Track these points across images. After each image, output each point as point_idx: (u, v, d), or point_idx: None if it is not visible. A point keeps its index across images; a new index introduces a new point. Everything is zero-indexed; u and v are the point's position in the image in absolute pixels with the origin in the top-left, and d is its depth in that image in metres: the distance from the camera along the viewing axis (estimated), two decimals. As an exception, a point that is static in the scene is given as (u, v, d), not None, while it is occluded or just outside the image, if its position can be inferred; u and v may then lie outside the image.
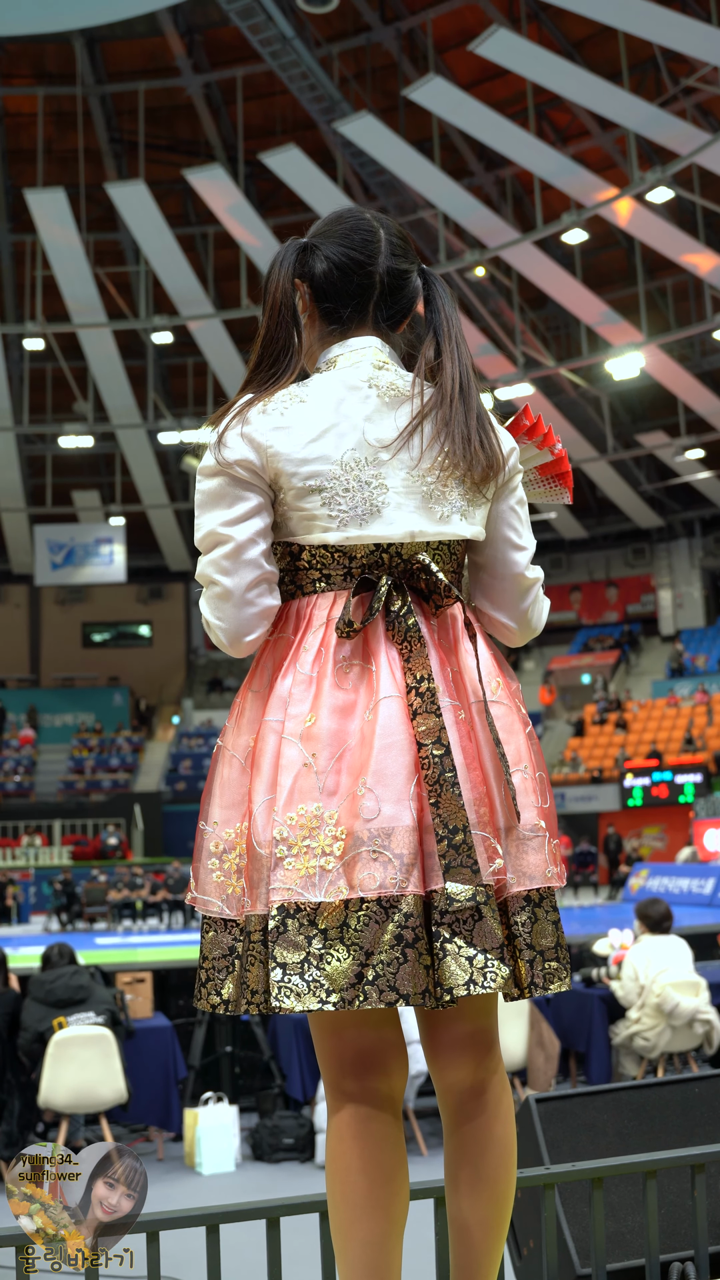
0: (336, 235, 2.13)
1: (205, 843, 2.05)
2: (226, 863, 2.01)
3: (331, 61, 26.65)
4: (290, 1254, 2.97)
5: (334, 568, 2.03)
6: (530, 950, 1.99)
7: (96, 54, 28.48)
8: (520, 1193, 3.65)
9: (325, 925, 1.87)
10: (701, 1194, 3.21)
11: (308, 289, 2.14)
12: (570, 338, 30.56)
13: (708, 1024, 7.19)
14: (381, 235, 2.12)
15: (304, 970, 1.86)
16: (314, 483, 2.00)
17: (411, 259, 2.16)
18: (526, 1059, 7.13)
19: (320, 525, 2.01)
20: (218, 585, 2.02)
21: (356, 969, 1.85)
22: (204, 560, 2.04)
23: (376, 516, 2.01)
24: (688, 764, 28.64)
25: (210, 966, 2.03)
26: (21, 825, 32.47)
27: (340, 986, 1.85)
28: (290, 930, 1.87)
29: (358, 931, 1.86)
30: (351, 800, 1.90)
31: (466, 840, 1.90)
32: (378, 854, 1.87)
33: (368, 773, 1.90)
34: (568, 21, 25.32)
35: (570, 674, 35.87)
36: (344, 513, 2.00)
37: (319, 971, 1.86)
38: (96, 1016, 6.68)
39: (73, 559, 34.13)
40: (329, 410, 2.02)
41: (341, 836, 1.89)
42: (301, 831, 1.90)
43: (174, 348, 31.85)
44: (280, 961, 1.86)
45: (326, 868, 1.88)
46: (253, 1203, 2.90)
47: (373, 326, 2.14)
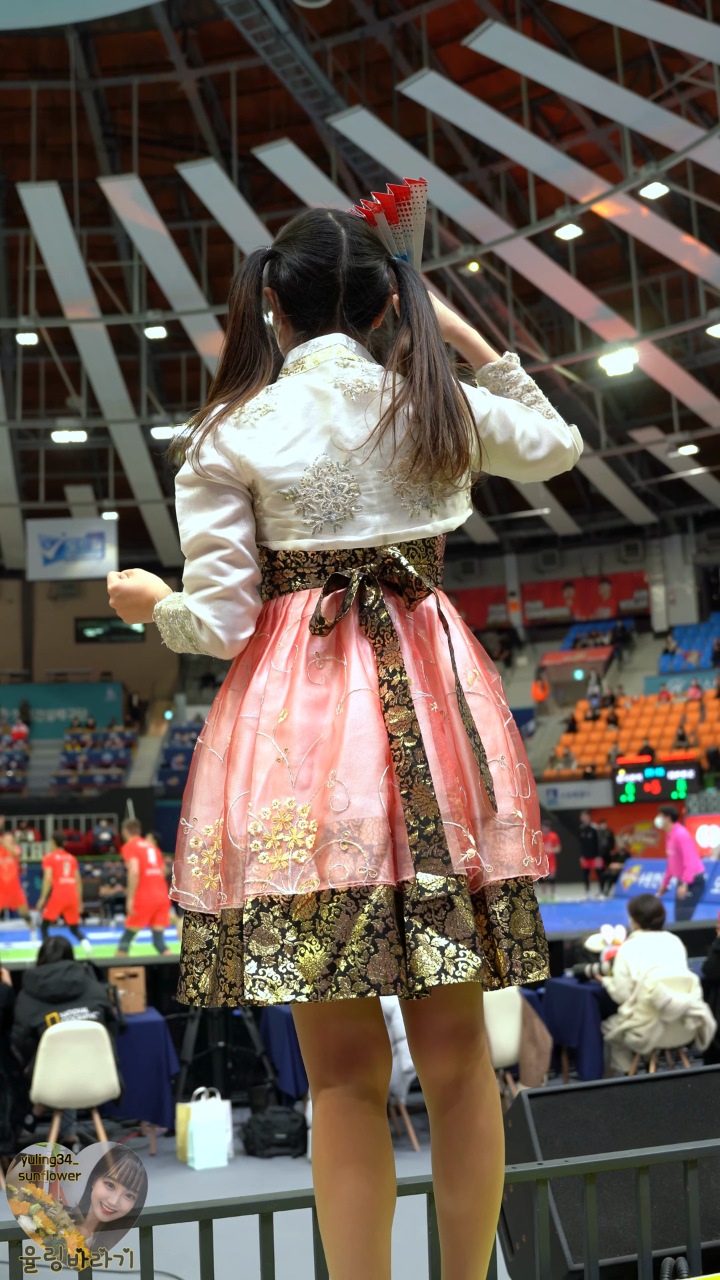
0: (299, 241, 2.14)
1: (185, 839, 2.08)
2: (205, 858, 2.05)
3: (325, 56, 26.61)
4: (283, 1248, 2.97)
5: (308, 566, 2.06)
6: (509, 939, 2.00)
7: (90, 48, 28.41)
8: (513, 1188, 3.65)
9: (299, 918, 1.90)
10: (694, 1189, 3.22)
11: (276, 297, 2.16)
12: (564, 333, 30.57)
13: (699, 1020, 7.21)
14: (343, 235, 2.13)
15: (278, 962, 1.88)
16: (287, 490, 2.03)
17: (378, 255, 2.16)
18: (519, 1055, 7.13)
19: (295, 532, 2.04)
20: (215, 585, 2.05)
21: (329, 960, 1.87)
22: (197, 563, 2.07)
23: (349, 521, 2.04)
24: (680, 760, 28.68)
25: (189, 960, 2.07)
26: (14, 820, 32.44)
27: (313, 978, 1.87)
28: (264, 923, 1.90)
29: (329, 923, 1.88)
30: (322, 793, 1.92)
31: (438, 831, 1.90)
32: (348, 846, 1.89)
33: (338, 765, 1.92)
34: (562, 17, 25.30)
35: (563, 670, 35.89)
36: (317, 519, 2.03)
37: (292, 964, 1.88)
38: (90, 1012, 6.68)
39: (65, 554, 34.10)
40: (298, 417, 2.04)
41: (313, 829, 1.91)
42: (275, 826, 1.93)
43: (167, 343, 31.80)
44: (255, 954, 1.89)
45: (299, 861, 1.90)
46: (245, 1198, 2.91)
47: (340, 326, 2.14)
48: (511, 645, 37.85)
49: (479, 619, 37.98)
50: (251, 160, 27.26)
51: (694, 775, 27.85)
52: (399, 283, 2.16)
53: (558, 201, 26.18)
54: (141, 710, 39.02)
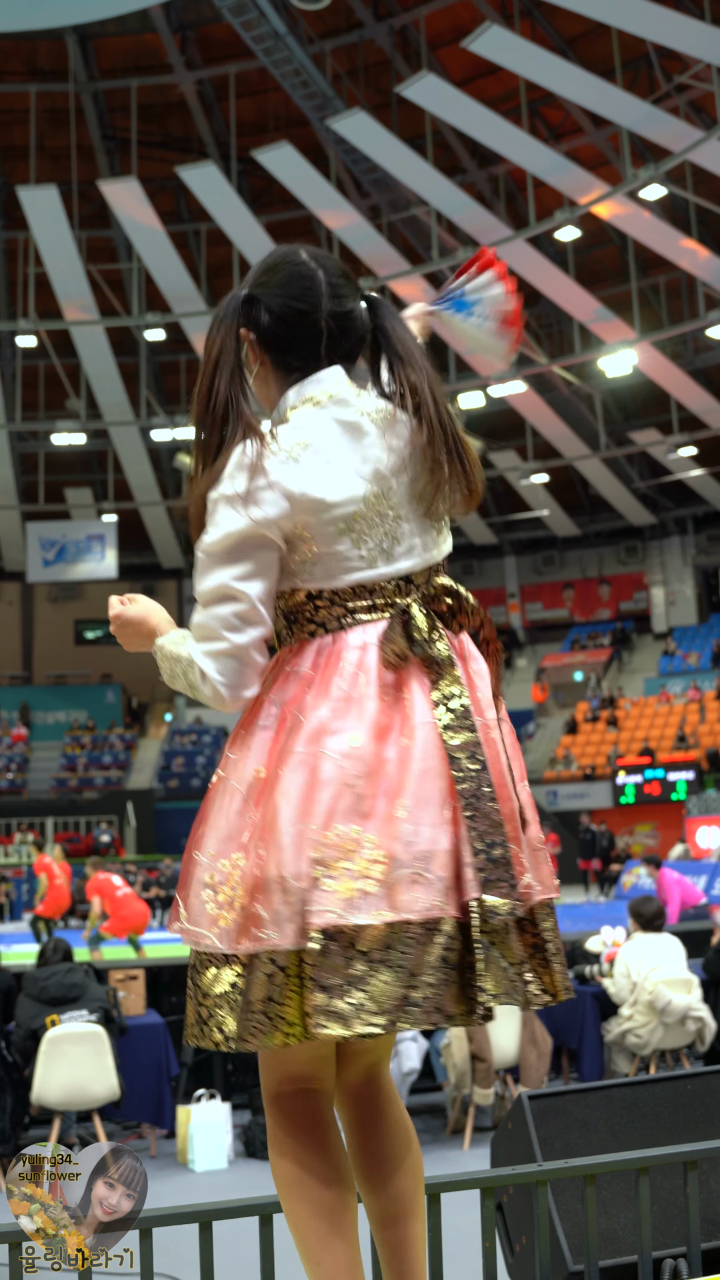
0: (275, 285, 2.11)
1: (198, 874, 2.01)
2: (220, 895, 1.98)
3: (324, 58, 26.62)
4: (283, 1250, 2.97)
5: (355, 600, 2.04)
6: (557, 956, 2.05)
7: (89, 50, 28.44)
8: (513, 1189, 3.65)
9: (367, 948, 1.86)
10: (694, 1191, 3.22)
11: (254, 338, 2.13)
12: (563, 335, 30.56)
13: (700, 1021, 7.21)
14: (320, 279, 2.10)
15: (347, 993, 1.85)
16: (344, 524, 2.01)
17: (354, 294, 2.14)
18: (519, 1056, 7.12)
19: (352, 566, 2.02)
20: (224, 642, 1.99)
21: (402, 990, 1.86)
22: (209, 613, 2.00)
23: (397, 547, 2.05)
24: (680, 761, 28.69)
25: (212, 1004, 1.98)
26: (14, 823, 32.45)
27: (385, 1009, 1.85)
28: (332, 953, 1.86)
29: (402, 953, 1.87)
30: (389, 823, 1.90)
31: (505, 855, 1.94)
32: (419, 877, 1.88)
33: (405, 795, 1.91)
34: (561, 18, 25.32)
35: (562, 671, 35.89)
36: (371, 550, 2.03)
37: (362, 994, 1.85)
38: (90, 1014, 6.68)
39: (65, 556, 34.11)
40: (339, 449, 2.03)
41: (381, 859, 1.89)
42: (337, 853, 1.89)
43: (166, 345, 31.81)
44: (323, 985, 1.85)
45: (368, 890, 1.87)
46: (245, 1199, 2.91)
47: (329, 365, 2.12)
48: (511, 647, 37.84)
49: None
50: (250, 162, 27.26)
51: (694, 776, 27.84)
52: (376, 320, 2.15)
53: (556, 203, 26.19)
54: (141, 712, 39.01)
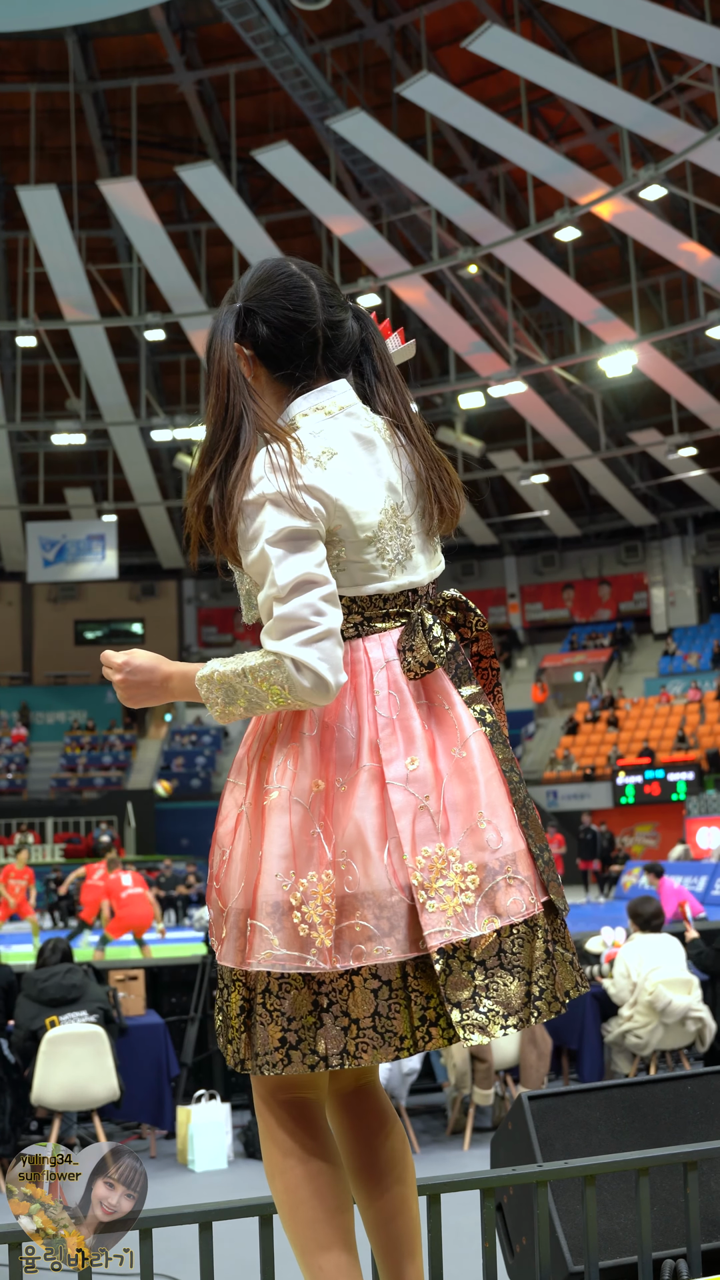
0: (271, 296, 2.14)
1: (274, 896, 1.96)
2: (309, 915, 1.95)
3: (324, 58, 26.62)
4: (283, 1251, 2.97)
5: (372, 609, 2.08)
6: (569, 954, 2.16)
7: (89, 50, 28.44)
8: (513, 1190, 3.65)
9: (482, 957, 1.96)
10: (694, 1191, 3.22)
11: (250, 352, 2.14)
12: (563, 335, 30.56)
13: (699, 1021, 7.20)
14: (314, 290, 2.14)
15: (478, 1003, 1.94)
16: (369, 533, 2.05)
17: (344, 305, 2.19)
18: (519, 1057, 7.12)
19: (376, 575, 2.07)
20: (316, 626, 1.95)
21: (525, 989, 1.97)
22: (296, 603, 1.95)
23: (409, 560, 2.11)
24: (680, 762, 28.68)
25: (299, 1027, 1.97)
26: (14, 823, 32.44)
27: (515, 1009, 1.96)
28: (455, 970, 1.95)
29: (514, 954, 1.98)
30: (471, 834, 1.98)
31: (551, 858, 2.09)
32: (512, 880, 1.99)
33: (480, 805, 2.00)
34: (561, 18, 25.32)
35: (562, 672, 35.88)
36: (391, 561, 2.08)
37: (490, 1000, 1.95)
38: (89, 1015, 6.67)
39: (65, 556, 34.10)
40: (360, 461, 2.07)
41: (470, 870, 1.97)
42: (431, 874, 1.96)
43: (166, 345, 31.82)
44: (455, 1001, 1.93)
45: (470, 903, 1.96)
46: (245, 1200, 2.91)
47: (327, 377, 2.15)
48: (511, 647, 37.84)
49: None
50: (250, 162, 27.27)
51: (694, 777, 27.84)
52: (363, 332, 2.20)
53: (557, 203, 26.19)
54: (141, 713, 38.98)
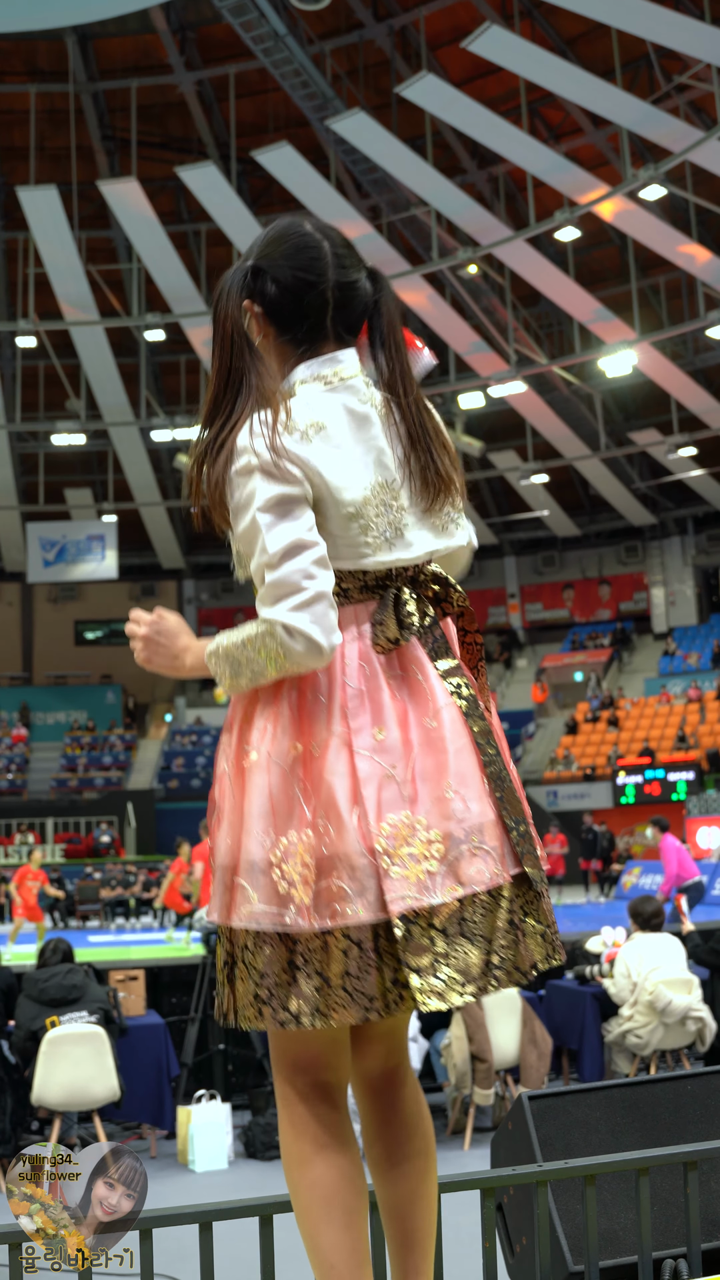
0: (281, 256, 2.12)
1: (255, 855, 1.99)
2: (289, 872, 1.98)
3: (324, 59, 26.62)
4: (283, 1251, 2.97)
5: (350, 581, 2.08)
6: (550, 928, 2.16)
7: (89, 51, 28.43)
8: (513, 1190, 3.65)
9: (443, 925, 1.98)
10: (694, 1191, 3.22)
11: (260, 310, 2.13)
12: (563, 335, 30.56)
13: (700, 1021, 7.20)
14: (327, 250, 2.11)
15: (436, 969, 1.96)
16: (353, 509, 2.04)
17: (359, 265, 2.15)
18: (519, 1056, 7.12)
19: (360, 551, 2.06)
20: (307, 590, 1.96)
21: (484, 958, 1.98)
22: (287, 568, 1.97)
23: (400, 539, 2.08)
24: (680, 761, 28.68)
25: (272, 983, 1.99)
26: (14, 823, 32.44)
27: (474, 977, 1.97)
28: (415, 936, 1.96)
29: (475, 923, 1.99)
30: (440, 804, 1.99)
31: (529, 830, 2.07)
32: (478, 849, 1.99)
33: (449, 775, 2.00)
34: (560, 18, 25.32)
35: (563, 672, 35.88)
36: (376, 538, 2.06)
37: (449, 968, 1.97)
38: (90, 1015, 6.67)
39: (65, 556, 34.10)
40: (348, 435, 2.06)
41: (436, 839, 1.98)
42: (397, 841, 1.97)
43: (166, 345, 31.82)
44: (414, 967, 1.95)
45: (433, 871, 1.97)
46: (246, 1200, 2.91)
47: (335, 340, 2.13)
48: (511, 647, 37.84)
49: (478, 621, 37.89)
50: (250, 163, 27.27)
51: (694, 777, 27.84)
52: (377, 293, 2.16)
53: (556, 203, 26.19)
54: (141, 713, 39.00)
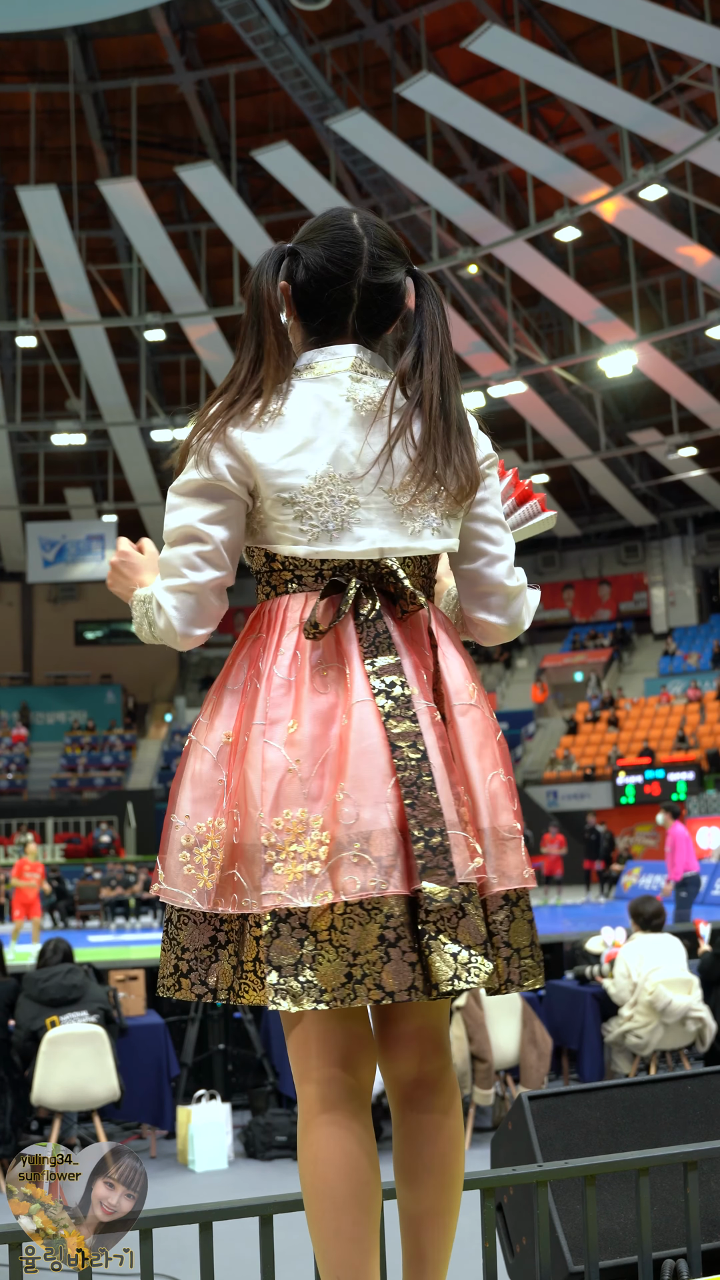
0: (319, 244, 2.11)
1: (175, 836, 2.06)
2: (198, 856, 2.04)
3: (324, 59, 26.61)
4: (283, 1251, 2.97)
5: (306, 570, 2.06)
6: (508, 948, 2.05)
7: (89, 51, 28.43)
8: (513, 1190, 3.65)
9: (316, 928, 1.92)
10: (694, 1191, 3.22)
11: (291, 295, 2.13)
12: (563, 335, 30.56)
13: (700, 1021, 7.20)
14: (364, 247, 2.09)
15: (298, 972, 1.91)
16: (287, 495, 2.02)
17: (397, 268, 2.12)
18: (519, 1056, 7.12)
19: (290, 538, 2.04)
20: (184, 579, 2.05)
21: (345, 969, 1.91)
22: (174, 551, 2.06)
23: (346, 533, 2.03)
24: (680, 761, 28.68)
25: (192, 958, 2.05)
26: (14, 823, 32.44)
27: (331, 987, 1.90)
28: (283, 934, 1.92)
29: (343, 933, 1.91)
30: (333, 806, 1.94)
31: (444, 842, 1.92)
32: (359, 858, 1.91)
33: (345, 778, 1.93)
34: (561, 19, 25.31)
35: (563, 672, 35.88)
36: (315, 527, 2.03)
37: (311, 973, 1.91)
38: (90, 1015, 6.67)
39: (65, 556, 34.11)
40: (306, 425, 2.04)
41: (326, 841, 1.93)
42: (288, 837, 1.94)
43: (166, 345, 31.82)
44: (275, 964, 1.92)
45: (314, 872, 1.92)
46: (246, 1200, 2.91)
47: (352, 336, 2.12)
48: (511, 647, 37.83)
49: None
50: (250, 163, 27.27)
51: (694, 777, 27.83)
52: (418, 296, 2.13)
53: (556, 203, 26.19)
54: (141, 713, 39.01)
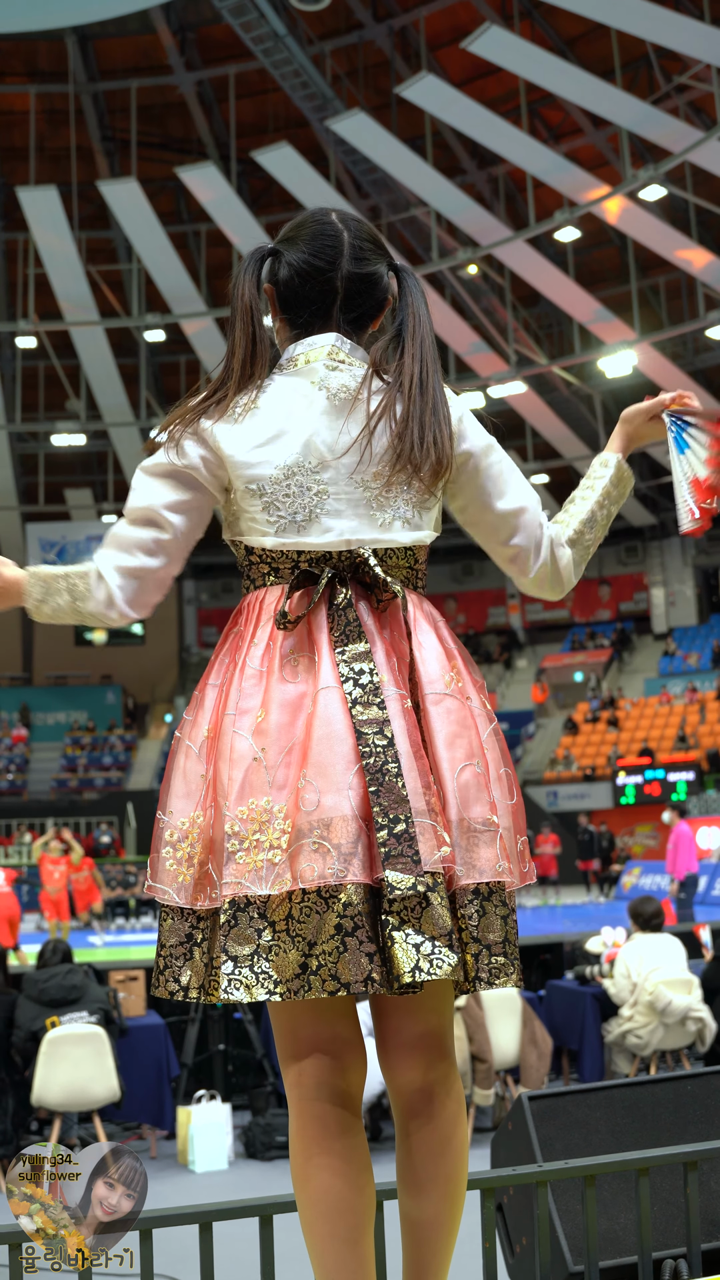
0: (300, 241, 2.13)
1: (161, 831, 2.08)
2: (179, 851, 2.04)
3: (324, 59, 26.62)
4: (283, 1251, 2.97)
5: (283, 562, 2.07)
6: (476, 944, 1.98)
7: (89, 51, 28.44)
8: (513, 1190, 3.66)
9: (274, 918, 1.91)
10: (694, 1191, 3.22)
11: (274, 295, 2.16)
12: (563, 335, 30.56)
13: (700, 1022, 7.20)
14: (345, 240, 2.12)
15: (254, 962, 1.90)
16: (254, 486, 2.04)
17: (379, 260, 2.15)
18: (519, 1057, 7.12)
19: (259, 529, 2.06)
20: (136, 561, 2.07)
21: (301, 960, 1.89)
22: (131, 530, 2.08)
23: (314, 524, 2.04)
24: (680, 762, 28.67)
25: (168, 954, 2.05)
26: (14, 824, 32.44)
27: (286, 978, 1.89)
28: (241, 924, 1.92)
29: (300, 923, 1.90)
30: (295, 793, 1.93)
31: (408, 830, 1.88)
32: (318, 845, 1.89)
33: (308, 765, 1.92)
34: (560, 19, 25.32)
35: (563, 672, 35.87)
36: (282, 518, 2.04)
37: (267, 963, 1.90)
38: (90, 1015, 6.67)
39: (65, 557, 34.09)
40: (280, 416, 2.05)
41: (288, 829, 1.92)
42: (252, 826, 1.93)
43: (166, 345, 31.83)
44: (232, 954, 1.91)
45: (274, 861, 1.91)
46: (246, 1200, 2.91)
47: (335, 328, 2.13)
48: (511, 647, 37.83)
49: (479, 621, 37.96)
50: (250, 163, 27.27)
51: (694, 777, 27.83)
52: (400, 287, 2.16)
53: (556, 204, 26.20)
54: (141, 713, 39.00)
